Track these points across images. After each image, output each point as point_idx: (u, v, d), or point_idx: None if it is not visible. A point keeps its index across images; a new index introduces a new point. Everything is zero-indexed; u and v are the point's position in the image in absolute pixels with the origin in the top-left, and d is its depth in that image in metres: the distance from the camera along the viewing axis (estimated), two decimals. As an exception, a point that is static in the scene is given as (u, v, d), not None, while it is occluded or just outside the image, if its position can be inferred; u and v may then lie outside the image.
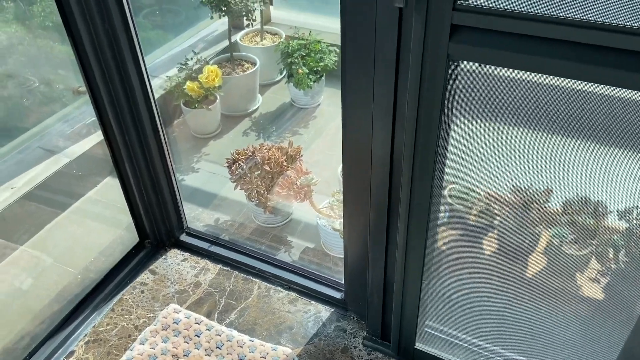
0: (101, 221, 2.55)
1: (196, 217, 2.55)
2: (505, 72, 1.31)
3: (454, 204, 1.78)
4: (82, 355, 1.95)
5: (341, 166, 2.55)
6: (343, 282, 2.07)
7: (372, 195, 1.65)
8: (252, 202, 2.34)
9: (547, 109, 1.33)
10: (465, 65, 1.28)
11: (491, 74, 1.33)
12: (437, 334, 1.78)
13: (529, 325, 1.74)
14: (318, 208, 2.28)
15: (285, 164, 2.32)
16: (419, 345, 1.79)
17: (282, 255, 2.34)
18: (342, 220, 2.23)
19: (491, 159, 1.52)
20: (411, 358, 1.84)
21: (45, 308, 2.12)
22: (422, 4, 1.10)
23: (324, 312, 2.05)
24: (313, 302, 2.09)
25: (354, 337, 1.96)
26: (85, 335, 2.01)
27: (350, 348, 1.92)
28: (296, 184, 2.28)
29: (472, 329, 1.75)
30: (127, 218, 2.35)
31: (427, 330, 1.79)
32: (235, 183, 2.36)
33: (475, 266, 1.78)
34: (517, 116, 1.40)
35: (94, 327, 2.04)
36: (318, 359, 1.89)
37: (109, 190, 2.68)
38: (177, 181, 2.29)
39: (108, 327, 2.04)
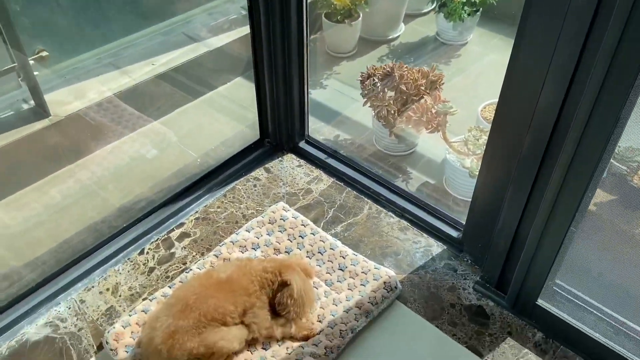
0: (227, 115, 2.57)
1: (317, 130, 2.48)
2: None
3: (614, 162, 1.54)
4: (191, 228, 1.99)
5: (482, 105, 2.35)
6: (463, 221, 1.91)
7: (528, 139, 1.45)
8: (380, 122, 2.22)
9: None
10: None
11: None
12: (565, 294, 1.57)
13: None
14: (450, 142, 2.11)
15: (423, 88, 2.15)
16: (540, 302, 1.60)
17: (399, 184, 2.21)
18: (474, 158, 2.04)
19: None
20: (528, 314, 1.65)
21: (164, 180, 2.19)
22: None
23: (435, 247, 1.91)
24: (425, 234, 1.96)
25: (465, 279, 1.81)
26: (197, 212, 2.05)
27: (459, 289, 1.78)
28: (431, 110, 2.12)
29: (609, 299, 1.53)
30: (251, 116, 2.35)
31: (555, 288, 1.59)
32: (366, 99, 2.24)
33: (626, 233, 1.54)
34: None
35: (205, 206, 2.07)
36: (421, 290, 1.77)
37: (238, 89, 2.70)
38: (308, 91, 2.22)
39: (218, 210, 2.06)
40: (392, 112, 2.14)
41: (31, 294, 1.75)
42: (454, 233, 1.92)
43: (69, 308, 1.74)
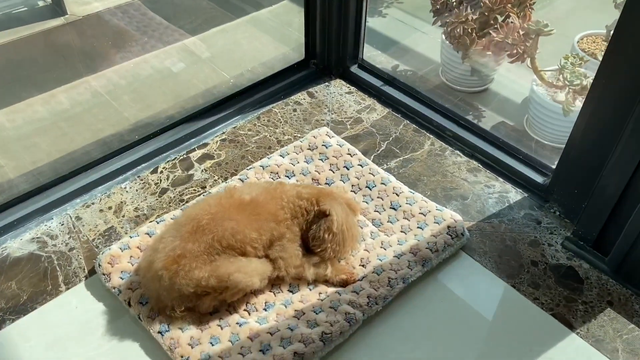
0: (270, 35, 2.22)
1: (372, 58, 2.10)
2: None
3: None
4: (215, 150, 1.67)
5: (580, 36, 1.92)
6: (552, 166, 1.52)
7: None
8: (452, 44, 1.83)
9: None
10: None
11: None
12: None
13: None
14: (539, 70, 1.70)
15: (510, 5, 1.74)
16: (659, 265, 1.21)
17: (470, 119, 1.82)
18: (571, 90, 1.63)
19: None
20: (637, 281, 1.26)
21: (189, 99, 1.87)
22: None
23: (513, 193, 1.53)
24: (500, 178, 1.57)
25: (551, 233, 1.42)
26: (223, 133, 1.72)
27: (543, 244, 1.39)
28: (519, 31, 1.71)
29: None
30: (296, 38, 2.01)
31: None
32: (436, 17, 1.85)
33: None
34: None
35: (234, 128, 1.75)
36: (494, 243, 1.40)
37: (285, 12, 2.35)
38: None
39: (249, 133, 1.73)
40: (470, 30, 1.74)
41: (19, 204, 1.47)
42: (538, 179, 1.53)
43: (62, 224, 1.45)
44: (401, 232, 1.39)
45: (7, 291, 1.30)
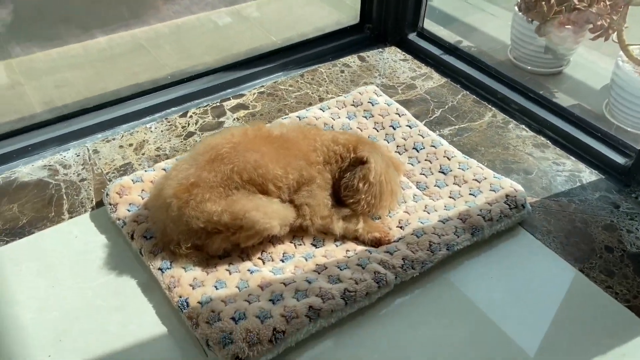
0: (325, 1, 2.10)
1: (433, 32, 1.93)
2: None
3: None
4: (251, 101, 1.53)
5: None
6: (636, 146, 1.29)
7: None
8: (526, 16, 1.63)
9: None
10: None
11: None
12: None
13: None
14: (626, 44, 1.48)
15: (596, -28, 1.54)
16: None
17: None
18: (664, 64, 1.40)
19: None
20: None
21: (230, 56, 1.75)
22: None
23: (587, 174, 1.30)
24: (572, 157, 1.35)
25: (631, 219, 1.18)
26: (262, 86, 1.59)
27: (620, 229, 1.16)
28: (605, 1, 1.50)
29: None
30: (352, 6, 1.87)
31: None
32: (509, -14, 1.67)
33: None
34: None
35: (274, 82, 1.61)
36: (561, 222, 1.17)
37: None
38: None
39: (290, 88, 1.59)
40: (547, -4, 1.55)
41: (37, 129, 1.37)
42: (619, 159, 1.30)
43: (78, 155, 1.34)
44: (449, 197, 1.19)
45: (7, 213, 1.19)
